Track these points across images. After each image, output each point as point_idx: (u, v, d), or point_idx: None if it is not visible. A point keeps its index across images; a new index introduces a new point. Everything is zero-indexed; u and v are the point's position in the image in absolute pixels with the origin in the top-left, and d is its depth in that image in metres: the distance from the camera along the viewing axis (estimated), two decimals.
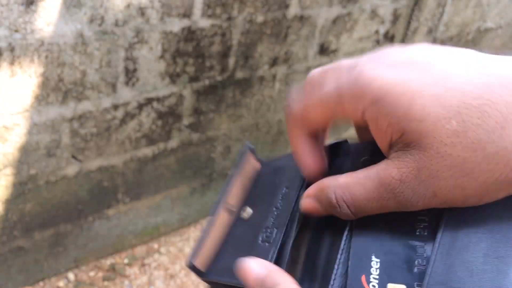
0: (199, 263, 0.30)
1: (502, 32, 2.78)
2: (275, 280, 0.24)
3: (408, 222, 0.24)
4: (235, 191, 0.32)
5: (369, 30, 2.03)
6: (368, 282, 0.23)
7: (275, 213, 0.30)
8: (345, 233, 0.26)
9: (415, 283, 0.22)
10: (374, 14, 2.00)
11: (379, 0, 1.98)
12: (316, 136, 0.30)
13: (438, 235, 0.23)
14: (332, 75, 0.26)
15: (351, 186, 0.25)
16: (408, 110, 0.22)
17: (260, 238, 0.29)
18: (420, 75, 0.22)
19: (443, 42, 2.45)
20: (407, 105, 0.22)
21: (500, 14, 2.66)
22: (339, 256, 0.25)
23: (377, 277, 0.23)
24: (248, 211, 0.32)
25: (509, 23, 2.78)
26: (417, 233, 0.24)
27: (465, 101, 0.21)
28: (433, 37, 2.35)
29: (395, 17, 2.11)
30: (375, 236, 0.25)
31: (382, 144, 0.24)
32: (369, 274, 0.23)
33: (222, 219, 0.31)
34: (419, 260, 0.23)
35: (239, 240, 0.31)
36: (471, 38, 2.61)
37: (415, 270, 0.23)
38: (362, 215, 0.25)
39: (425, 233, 0.23)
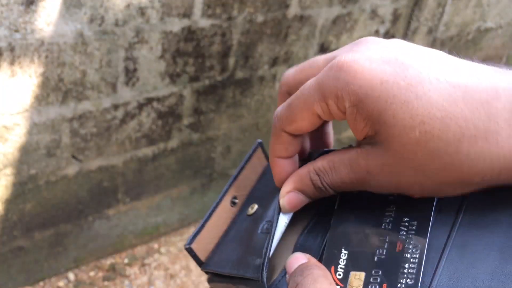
0: (199, 250, 0.31)
1: (502, 32, 2.78)
2: (314, 268, 0.26)
3: (376, 217, 0.27)
4: (241, 184, 0.33)
5: (369, 30, 2.03)
6: (336, 272, 0.26)
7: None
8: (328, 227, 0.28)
9: (373, 270, 0.25)
10: (374, 14, 2.00)
11: (379, 0, 1.98)
12: (300, 137, 0.31)
13: (446, 249, 0.24)
14: (310, 73, 0.28)
15: (328, 171, 0.27)
16: (381, 115, 0.24)
17: (260, 229, 0.30)
18: (395, 77, 0.24)
19: (443, 42, 2.45)
20: (381, 110, 0.24)
21: (500, 14, 2.66)
22: (320, 251, 0.28)
23: (343, 267, 0.26)
24: (254, 207, 0.32)
25: (509, 23, 2.78)
26: (383, 227, 0.26)
27: (430, 111, 0.23)
28: (433, 37, 2.35)
29: (395, 17, 2.11)
30: (346, 230, 0.27)
31: (358, 136, 0.26)
32: (337, 265, 0.26)
33: (225, 210, 0.32)
34: (380, 250, 0.25)
35: (240, 233, 0.32)
36: (471, 38, 2.61)
37: (376, 259, 0.25)
38: (342, 191, 0.28)
39: (389, 227, 0.26)
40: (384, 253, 0.25)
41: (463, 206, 0.25)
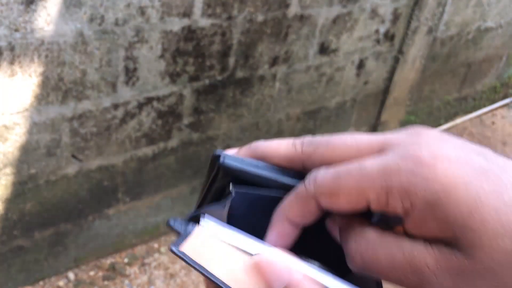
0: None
1: (502, 32, 2.78)
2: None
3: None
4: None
5: (369, 29, 2.03)
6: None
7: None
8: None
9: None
10: (374, 13, 2.00)
11: (379, 0, 1.98)
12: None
13: None
14: (359, 181, 0.24)
15: (378, 249, 0.23)
16: (467, 219, 0.21)
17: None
18: (479, 180, 0.22)
19: (443, 42, 2.45)
20: (466, 215, 0.21)
21: (500, 14, 2.66)
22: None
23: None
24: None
25: (509, 23, 2.78)
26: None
27: None
28: (433, 36, 2.35)
29: (395, 16, 2.11)
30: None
31: (419, 233, 0.23)
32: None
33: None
34: None
35: None
36: (472, 38, 2.61)
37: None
38: (366, 272, 0.24)
39: None
40: None
41: None
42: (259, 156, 0.28)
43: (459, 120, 2.97)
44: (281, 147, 0.27)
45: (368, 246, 0.23)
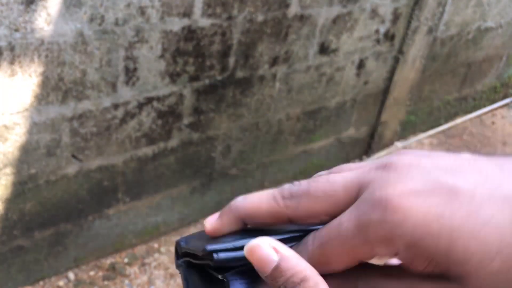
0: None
1: (502, 32, 2.78)
2: (300, 271, 0.23)
3: None
4: None
5: (369, 29, 2.03)
6: None
7: None
8: None
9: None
10: (374, 13, 2.00)
11: (379, 0, 1.98)
12: None
13: None
14: (329, 204, 0.25)
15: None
16: (449, 252, 0.21)
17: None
18: (450, 207, 0.22)
19: (443, 42, 2.45)
20: (447, 247, 0.21)
21: (500, 13, 2.66)
22: None
23: None
24: None
25: (509, 22, 2.78)
26: None
27: (504, 238, 0.21)
28: (434, 36, 2.35)
29: (396, 16, 2.11)
30: None
31: (414, 270, 0.23)
32: None
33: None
34: None
35: None
36: (472, 38, 2.61)
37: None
38: None
39: None
40: None
41: None
42: (243, 218, 0.27)
43: (459, 120, 2.97)
44: (262, 204, 0.27)
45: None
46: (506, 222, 0.21)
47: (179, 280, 1.79)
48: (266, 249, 0.23)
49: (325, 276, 0.24)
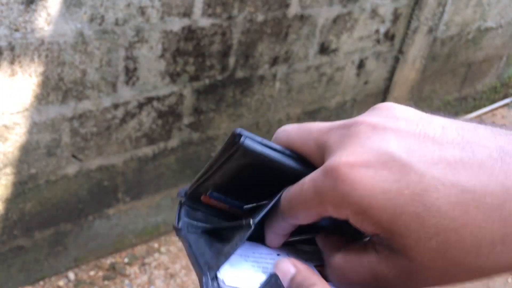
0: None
1: (502, 32, 2.78)
2: (310, 280, 0.26)
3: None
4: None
5: (369, 29, 2.03)
6: None
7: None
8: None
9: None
10: (374, 13, 2.00)
11: (379, 0, 1.98)
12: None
13: None
14: (304, 144, 0.28)
15: (347, 272, 0.27)
16: (392, 225, 0.23)
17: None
18: (397, 185, 0.23)
19: (443, 42, 2.45)
20: (391, 221, 0.23)
21: (500, 13, 2.66)
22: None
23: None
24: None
25: (509, 22, 2.78)
26: None
27: (443, 223, 0.22)
28: (434, 36, 2.35)
29: (396, 16, 2.11)
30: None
31: (363, 230, 0.25)
32: None
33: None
34: None
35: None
36: (472, 38, 2.60)
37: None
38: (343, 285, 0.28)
39: None
40: None
41: None
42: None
43: None
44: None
45: (337, 266, 0.27)
46: (448, 209, 0.22)
47: (179, 280, 1.79)
48: (287, 264, 0.27)
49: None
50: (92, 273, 1.74)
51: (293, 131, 0.29)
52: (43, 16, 1.22)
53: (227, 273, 0.27)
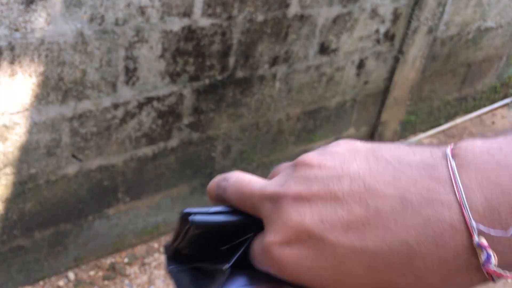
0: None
1: (502, 32, 2.78)
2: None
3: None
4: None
5: (369, 29, 2.03)
6: None
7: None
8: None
9: None
10: (374, 13, 2.00)
11: (379, 0, 1.98)
12: None
13: None
14: (246, 204, 0.31)
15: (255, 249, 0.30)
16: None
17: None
18: (318, 260, 0.26)
19: (443, 41, 2.45)
20: (321, 286, 0.26)
21: (500, 14, 2.66)
22: None
23: None
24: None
25: (509, 22, 2.78)
26: None
27: (365, 284, 0.25)
28: (434, 36, 2.35)
29: (396, 16, 2.11)
30: None
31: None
32: None
33: None
34: None
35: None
36: (472, 38, 2.61)
37: None
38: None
39: None
40: None
41: None
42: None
43: (459, 120, 2.97)
44: (212, 184, 0.35)
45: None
46: (363, 274, 0.25)
47: None
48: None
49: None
50: (92, 273, 1.74)
51: (233, 194, 0.32)
52: (43, 16, 1.22)
53: None
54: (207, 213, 0.32)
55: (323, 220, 0.25)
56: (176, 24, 1.46)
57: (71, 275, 1.71)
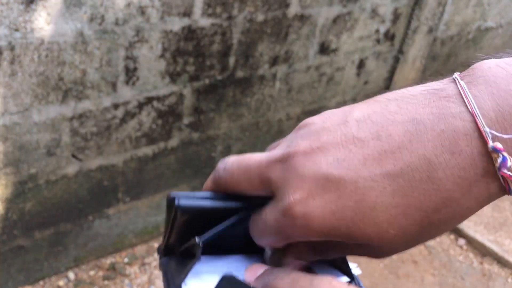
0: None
1: (502, 31, 2.78)
2: (273, 273, 0.28)
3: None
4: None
5: (369, 29, 2.03)
6: None
7: None
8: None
9: None
10: (374, 13, 2.00)
11: (379, 0, 1.98)
12: None
13: None
14: (260, 188, 0.30)
15: (325, 249, 0.30)
16: (350, 235, 0.26)
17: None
18: (342, 201, 0.25)
19: (443, 41, 2.45)
20: (347, 233, 0.26)
21: (500, 13, 2.66)
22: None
23: None
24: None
25: (509, 22, 2.78)
26: None
27: (391, 212, 0.25)
28: (434, 36, 2.35)
29: (396, 16, 2.11)
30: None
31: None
32: None
33: None
34: None
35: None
36: (472, 37, 2.60)
37: None
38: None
39: None
40: None
41: None
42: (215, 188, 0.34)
43: None
44: (208, 180, 0.33)
45: (318, 249, 0.30)
46: (388, 201, 0.25)
47: None
48: (256, 266, 0.30)
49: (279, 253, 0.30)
50: (92, 273, 1.74)
51: (234, 171, 0.30)
52: (43, 16, 1.22)
53: None
54: (194, 197, 0.31)
55: (339, 161, 0.25)
56: (176, 24, 1.46)
57: (71, 275, 1.71)
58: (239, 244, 0.33)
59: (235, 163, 0.30)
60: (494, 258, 2.09)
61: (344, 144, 0.26)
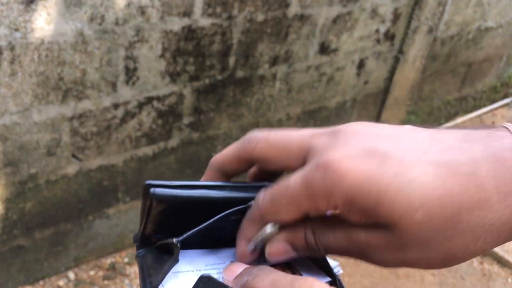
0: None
1: (502, 31, 2.78)
2: (252, 272, 0.27)
3: None
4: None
5: (369, 29, 2.03)
6: None
7: None
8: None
9: None
10: (374, 13, 2.00)
11: (379, 0, 1.98)
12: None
13: None
14: (283, 156, 0.29)
15: (328, 237, 0.29)
16: (378, 206, 0.25)
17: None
18: (381, 169, 0.26)
19: (443, 41, 2.45)
20: (375, 202, 0.25)
21: (500, 13, 2.66)
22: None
23: None
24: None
25: (509, 22, 2.77)
26: None
27: (426, 194, 0.25)
28: (434, 36, 2.35)
29: (396, 16, 2.11)
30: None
31: (353, 220, 0.27)
32: None
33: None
34: None
35: None
36: (472, 37, 2.60)
37: None
38: (335, 254, 0.30)
39: None
40: None
41: None
42: (220, 169, 0.33)
43: (459, 120, 2.97)
44: (230, 150, 0.32)
45: (322, 240, 0.29)
46: (428, 181, 0.25)
47: None
48: (235, 265, 0.30)
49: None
50: (92, 273, 1.74)
51: (271, 136, 0.30)
52: (43, 16, 1.22)
53: None
54: (170, 186, 0.30)
55: (390, 145, 0.26)
56: (176, 24, 1.46)
57: (71, 275, 1.71)
58: (223, 236, 0.32)
59: (271, 133, 0.30)
60: (494, 258, 2.09)
61: (397, 139, 0.27)
